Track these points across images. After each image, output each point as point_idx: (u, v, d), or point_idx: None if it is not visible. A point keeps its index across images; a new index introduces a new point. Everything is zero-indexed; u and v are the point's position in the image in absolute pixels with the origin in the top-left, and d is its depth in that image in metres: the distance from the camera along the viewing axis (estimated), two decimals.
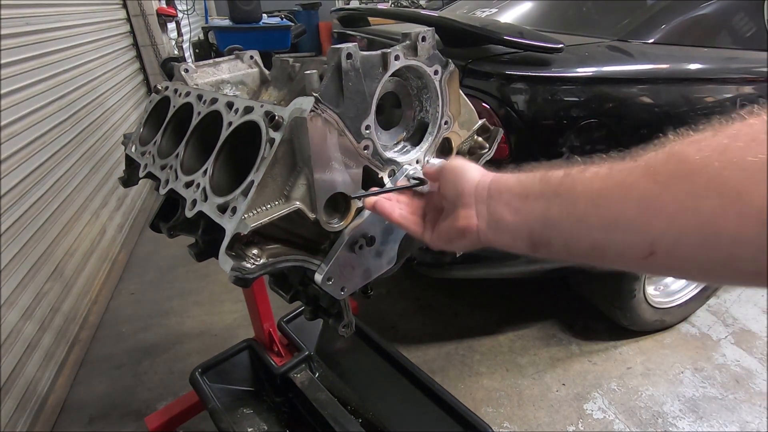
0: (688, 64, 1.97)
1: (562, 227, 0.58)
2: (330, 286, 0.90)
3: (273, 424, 1.79)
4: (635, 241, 0.51)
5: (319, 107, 0.81)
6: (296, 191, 0.85)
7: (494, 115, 1.78)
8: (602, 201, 0.54)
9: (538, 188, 0.62)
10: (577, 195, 0.57)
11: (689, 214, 0.46)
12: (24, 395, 2.03)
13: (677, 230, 0.48)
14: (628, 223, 0.52)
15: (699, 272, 0.50)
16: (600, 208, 0.54)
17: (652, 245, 0.50)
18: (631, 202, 0.51)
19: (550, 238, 0.60)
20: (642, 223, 0.50)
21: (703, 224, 0.46)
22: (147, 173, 1.24)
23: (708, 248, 0.46)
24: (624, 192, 0.52)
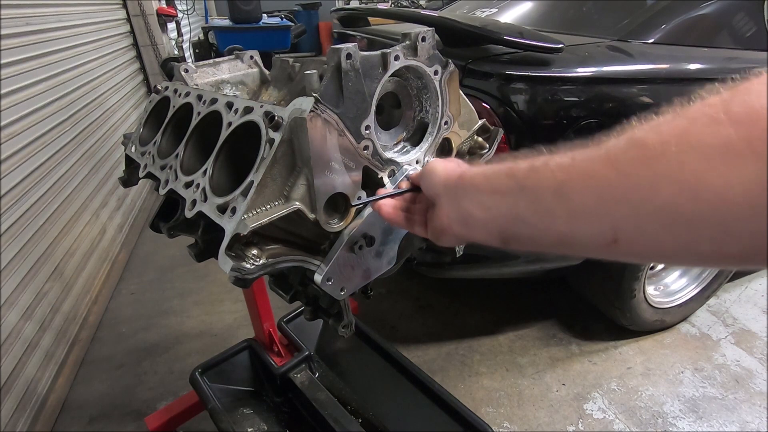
0: (688, 64, 1.97)
1: (529, 222, 0.59)
2: (330, 287, 0.90)
3: (273, 424, 1.79)
4: (599, 230, 0.52)
5: (319, 107, 0.81)
6: (296, 191, 0.85)
7: (494, 115, 1.78)
8: (566, 193, 0.54)
9: (505, 184, 0.62)
10: (543, 188, 0.57)
11: (649, 201, 0.47)
12: (24, 395, 2.03)
13: (638, 217, 0.48)
14: (591, 212, 0.52)
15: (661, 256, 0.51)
16: (564, 200, 0.54)
17: (614, 232, 0.51)
18: (592, 192, 0.52)
19: (519, 232, 0.61)
20: (604, 212, 0.51)
21: (662, 209, 0.46)
22: (147, 173, 1.24)
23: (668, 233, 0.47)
24: (586, 182, 0.52)
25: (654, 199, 0.46)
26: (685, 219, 0.45)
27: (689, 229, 0.45)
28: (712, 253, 0.46)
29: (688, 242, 0.46)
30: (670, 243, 0.48)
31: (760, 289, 2.81)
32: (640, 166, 0.48)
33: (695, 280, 2.52)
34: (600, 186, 0.51)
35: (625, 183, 0.49)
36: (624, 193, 0.49)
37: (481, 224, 0.66)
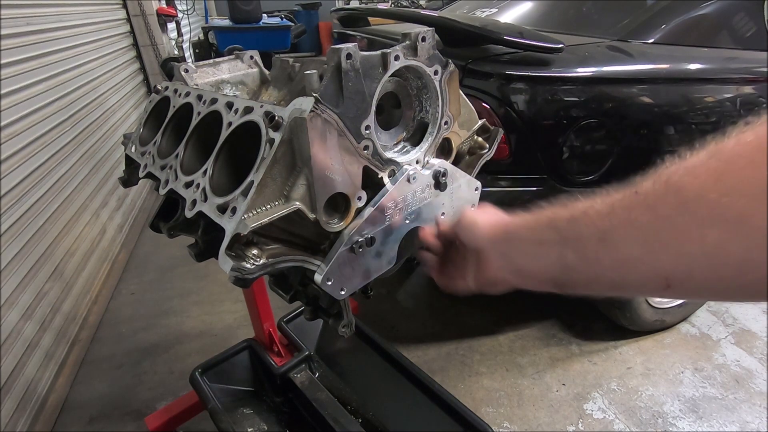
0: (688, 64, 1.97)
1: (579, 270, 0.60)
2: (329, 287, 0.90)
3: (273, 424, 1.79)
4: (649, 277, 0.53)
5: (319, 107, 0.81)
6: (296, 191, 0.84)
7: (494, 115, 1.78)
8: (609, 242, 0.55)
9: (549, 235, 0.63)
10: (586, 239, 0.58)
11: (695, 245, 0.47)
12: (24, 395, 2.03)
13: (686, 262, 0.49)
14: (638, 260, 0.53)
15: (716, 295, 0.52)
16: (609, 249, 0.56)
17: (666, 279, 0.51)
18: (636, 241, 0.52)
19: (571, 279, 0.62)
20: (651, 259, 0.52)
21: (710, 253, 0.46)
22: (147, 173, 1.24)
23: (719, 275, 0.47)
24: (628, 230, 0.53)
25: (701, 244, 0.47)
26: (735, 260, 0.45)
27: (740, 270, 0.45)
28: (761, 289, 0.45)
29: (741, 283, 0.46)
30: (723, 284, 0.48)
31: None
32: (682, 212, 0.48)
33: None
34: (643, 234, 0.52)
35: (668, 229, 0.49)
36: (669, 239, 0.49)
37: (533, 275, 0.68)
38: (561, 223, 0.62)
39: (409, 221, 0.98)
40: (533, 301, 2.77)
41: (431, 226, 0.95)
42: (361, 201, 0.91)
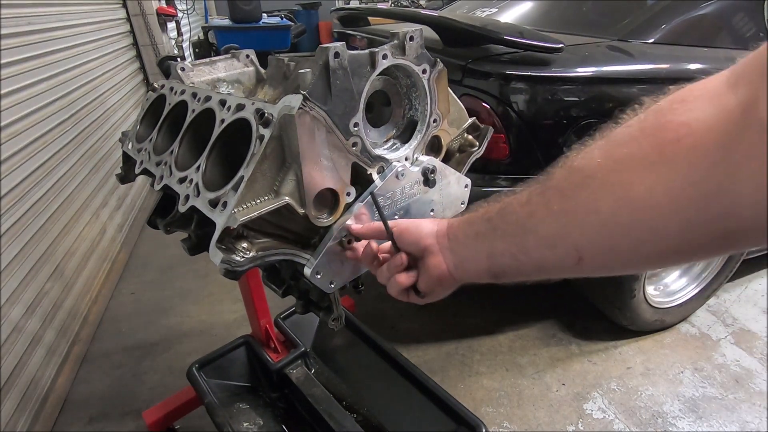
0: (688, 64, 1.97)
1: (508, 257, 0.67)
2: (319, 280, 0.91)
3: (269, 419, 1.80)
4: (564, 253, 0.59)
5: (307, 105, 0.82)
6: (285, 186, 0.85)
7: (494, 115, 1.78)
8: (530, 226, 0.63)
9: (483, 228, 0.71)
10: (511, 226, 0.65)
11: (593, 216, 0.55)
12: (25, 394, 2.04)
13: (589, 233, 0.56)
14: (554, 239, 0.60)
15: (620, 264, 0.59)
16: (531, 233, 0.63)
17: (577, 252, 0.58)
18: (551, 221, 0.60)
19: (503, 268, 0.69)
20: (564, 235, 0.59)
21: (606, 222, 0.54)
22: (143, 170, 1.25)
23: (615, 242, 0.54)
24: (544, 213, 0.60)
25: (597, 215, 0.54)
26: (625, 227, 0.52)
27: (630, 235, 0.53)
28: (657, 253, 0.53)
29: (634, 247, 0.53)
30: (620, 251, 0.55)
31: (760, 289, 2.81)
32: (581, 189, 0.56)
33: (695, 280, 2.51)
34: (555, 215, 0.59)
35: (572, 206, 0.57)
36: (574, 215, 0.57)
37: (472, 266, 0.74)
38: (492, 215, 0.69)
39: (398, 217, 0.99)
40: (533, 301, 2.77)
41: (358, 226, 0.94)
42: (350, 196, 0.92)
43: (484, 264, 0.71)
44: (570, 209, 0.57)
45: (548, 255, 0.61)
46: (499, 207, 0.68)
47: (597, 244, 0.56)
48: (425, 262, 0.80)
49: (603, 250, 0.56)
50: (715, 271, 2.49)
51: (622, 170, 0.51)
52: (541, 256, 0.62)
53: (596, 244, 0.56)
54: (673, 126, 0.48)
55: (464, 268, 0.76)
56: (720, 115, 0.46)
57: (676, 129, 0.48)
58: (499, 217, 0.67)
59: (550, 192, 0.60)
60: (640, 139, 0.51)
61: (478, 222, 0.72)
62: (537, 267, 0.65)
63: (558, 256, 0.60)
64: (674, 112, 0.49)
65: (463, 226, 0.75)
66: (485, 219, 0.70)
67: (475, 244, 0.72)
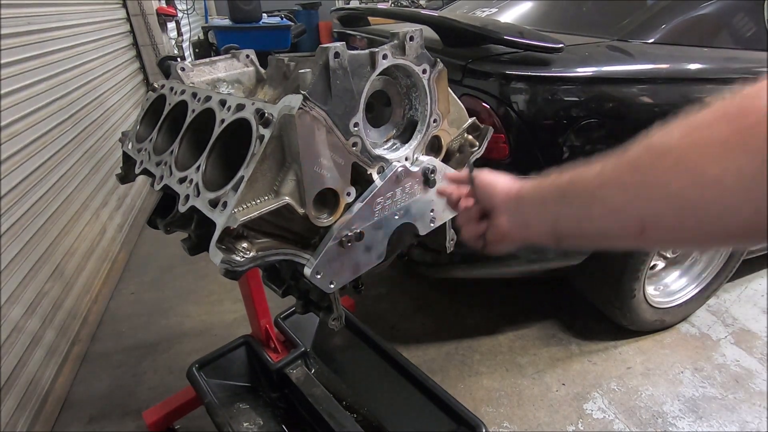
0: (688, 64, 1.97)
1: (573, 223, 0.71)
2: (319, 280, 0.91)
3: (269, 419, 1.80)
4: (628, 224, 0.61)
5: (307, 105, 0.82)
6: (285, 186, 0.85)
7: (494, 115, 1.78)
8: (599, 197, 0.65)
9: (551, 194, 0.75)
10: (581, 196, 0.68)
11: (662, 191, 0.56)
12: (25, 394, 2.04)
13: (656, 208, 0.57)
14: (620, 210, 0.62)
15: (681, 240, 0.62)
16: (598, 203, 0.65)
17: (641, 224, 0.59)
18: (619, 194, 0.62)
19: (567, 232, 0.73)
20: (630, 208, 0.60)
21: (673, 198, 0.55)
22: (143, 170, 1.25)
23: (681, 218, 0.55)
24: (613, 186, 0.62)
25: (666, 191, 0.55)
26: (693, 205, 0.53)
27: (697, 214, 0.53)
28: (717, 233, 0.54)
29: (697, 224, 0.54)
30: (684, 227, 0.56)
31: (759, 289, 2.80)
32: (654, 165, 0.57)
33: (695, 280, 2.51)
34: (625, 187, 0.61)
35: (642, 181, 0.58)
36: (643, 190, 0.58)
37: (537, 229, 0.79)
38: (562, 183, 0.72)
39: (399, 217, 0.99)
40: (533, 301, 2.77)
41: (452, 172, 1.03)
42: (350, 196, 0.92)
43: (548, 227, 0.75)
44: (640, 183, 0.58)
45: (612, 225, 0.64)
46: (570, 176, 0.70)
47: (662, 219, 0.57)
48: (493, 218, 0.87)
49: (667, 225, 0.58)
50: (715, 271, 2.48)
51: (698, 151, 0.52)
52: (606, 225, 0.65)
53: (661, 219, 0.58)
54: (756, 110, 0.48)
55: (528, 230, 0.81)
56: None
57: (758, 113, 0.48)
58: (569, 186, 0.70)
59: (624, 166, 0.61)
60: (721, 122, 0.51)
61: (546, 188, 0.76)
62: (600, 235, 0.68)
63: (622, 227, 0.63)
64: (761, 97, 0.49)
65: (532, 191, 0.80)
66: (555, 186, 0.74)
67: (541, 209, 0.77)
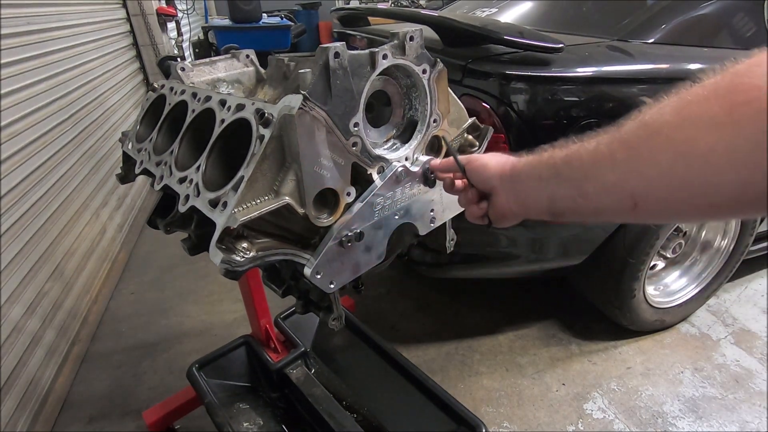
0: (688, 64, 1.97)
1: (568, 200, 0.72)
2: (319, 280, 0.91)
3: (269, 419, 1.80)
4: (621, 199, 0.63)
5: (307, 105, 0.82)
6: (285, 186, 0.85)
7: (494, 115, 1.78)
8: (593, 174, 0.66)
9: (547, 171, 0.75)
10: (575, 172, 0.69)
11: (654, 168, 0.57)
12: (25, 394, 2.04)
13: (647, 183, 0.59)
14: (613, 186, 0.64)
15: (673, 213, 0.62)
16: (592, 180, 0.67)
17: (633, 199, 0.61)
18: (613, 170, 0.63)
19: (563, 207, 0.74)
20: (622, 184, 0.62)
21: (664, 174, 0.56)
22: (143, 170, 1.25)
23: (671, 193, 0.57)
24: (608, 162, 0.64)
25: (656, 167, 0.57)
26: (681, 179, 0.55)
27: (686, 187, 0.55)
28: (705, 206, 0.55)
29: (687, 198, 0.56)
30: (674, 200, 0.57)
31: (759, 289, 2.80)
32: (645, 141, 0.58)
33: (695, 280, 2.51)
34: (617, 163, 0.62)
35: (635, 157, 0.60)
36: (635, 166, 0.60)
37: (534, 204, 0.80)
38: (557, 161, 0.73)
39: (399, 217, 0.99)
40: (533, 301, 2.77)
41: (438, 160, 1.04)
42: (350, 196, 0.93)
43: (544, 204, 0.77)
44: (632, 159, 0.60)
45: (606, 201, 0.66)
46: (564, 153, 0.72)
47: (653, 193, 0.59)
48: (492, 199, 0.89)
49: (658, 199, 0.59)
50: (715, 271, 2.49)
51: (688, 127, 0.53)
52: (599, 201, 0.67)
53: (652, 194, 0.59)
54: (745, 88, 0.49)
55: (526, 206, 0.82)
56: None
57: (748, 91, 0.48)
58: (564, 163, 0.72)
59: (617, 143, 0.63)
60: (711, 99, 0.51)
61: (541, 166, 0.77)
62: (594, 210, 0.69)
63: (615, 202, 0.64)
64: (750, 75, 0.49)
65: (527, 168, 0.81)
66: (549, 164, 0.75)
67: (537, 186, 0.78)
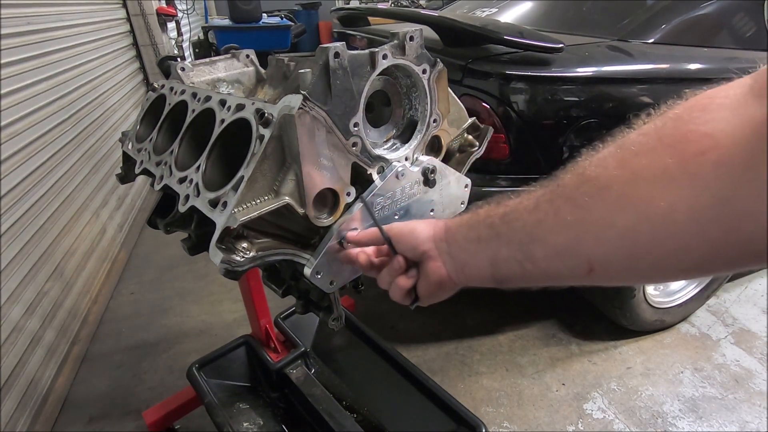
0: (688, 64, 1.97)
1: (513, 264, 0.64)
2: (319, 280, 0.92)
3: (269, 419, 1.80)
4: (575, 264, 0.57)
5: (307, 105, 0.82)
6: (285, 186, 0.86)
7: (494, 115, 1.78)
8: (538, 235, 0.60)
9: (485, 232, 0.68)
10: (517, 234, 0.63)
11: (611, 231, 0.52)
12: (25, 394, 2.04)
13: (605, 246, 0.54)
14: (565, 251, 0.58)
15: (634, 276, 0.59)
16: (538, 243, 0.60)
17: (589, 264, 0.57)
18: (561, 231, 0.57)
19: (508, 274, 0.67)
20: (575, 248, 0.57)
21: (623, 236, 0.51)
22: (143, 170, 1.25)
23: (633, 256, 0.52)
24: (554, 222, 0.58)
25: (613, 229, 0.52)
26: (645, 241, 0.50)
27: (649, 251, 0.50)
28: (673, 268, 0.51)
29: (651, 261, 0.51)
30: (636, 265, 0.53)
31: (759, 289, 2.80)
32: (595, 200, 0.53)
33: (695, 280, 2.51)
34: (566, 225, 0.57)
35: (587, 218, 0.54)
36: (587, 227, 0.55)
37: (475, 270, 0.72)
38: (495, 220, 0.66)
39: (398, 217, 0.99)
40: (533, 301, 2.77)
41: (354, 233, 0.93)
42: (350, 196, 0.92)
43: (486, 270, 0.69)
44: (583, 220, 0.55)
45: (557, 265, 0.60)
46: (503, 212, 0.66)
47: (613, 258, 0.54)
48: (424, 266, 0.79)
49: (619, 264, 0.54)
50: None
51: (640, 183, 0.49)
52: (550, 265, 0.61)
53: (612, 258, 0.54)
54: (695, 137, 0.46)
55: (465, 273, 0.74)
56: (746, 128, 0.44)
57: (699, 140, 0.46)
58: (504, 223, 0.65)
59: (561, 200, 0.58)
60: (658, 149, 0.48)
61: (479, 226, 0.70)
62: (544, 275, 0.63)
63: (568, 267, 0.59)
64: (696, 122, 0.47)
65: (463, 230, 0.74)
66: (487, 224, 0.68)
67: (476, 250, 0.70)
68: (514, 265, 0.64)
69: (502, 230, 0.65)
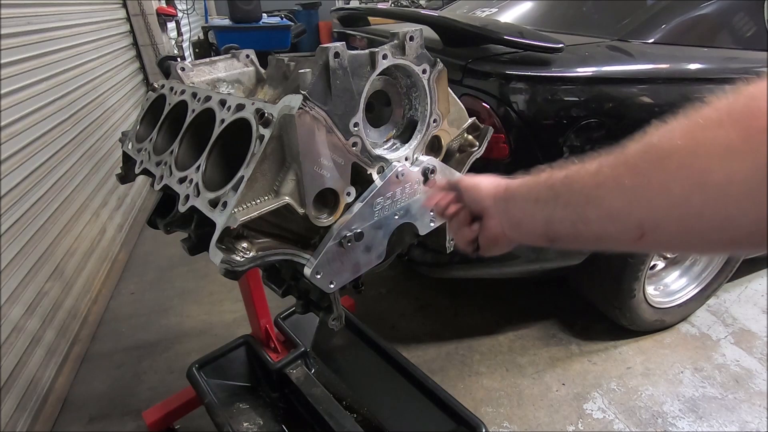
0: (688, 64, 1.97)
1: (567, 225, 0.66)
2: (319, 280, 0.92)
3: (269, 419, 1.80)
4: (627, 228, 0.58)
5: (307, 105, 0.82)
6: (285, 186, 0.86)
7: (494, 115, 1.78)
8: (595, 197, 0.61)
9: (544, 193, 0.70)
10: (576, 195, 0.64)
11: (664, 198, 0.53)
12: (25, 394, 2.04)
13: (656, 213, 0.54)
14: (618, 214, 0.58)
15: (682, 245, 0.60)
16: (595, 205, 0.61)
17: (641, 229, 0.56)
18: (618, 196, 0.58)
19: (561, 234, 0.68)
20: (629, 212, 0.57)
21: (676, 205, 0.52)
22: (143, 170, 1.25)
23: (683, 225, 0.53)
24: (612, 187, 0.59)
25: (668, 196, 0.52)
26: (696, 211, 0.50)
27: (700, 220, 0.51)
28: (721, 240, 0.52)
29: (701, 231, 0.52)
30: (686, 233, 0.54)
31: (760, 289, 2.80)
32: (655, 168, 0.54)
33: (695, 280, 2.51)
34: (624, 190, 0.57)
35: (643, 185, 0.55)
36: (643, 193, 0.55)
37: (529, 228, 0.74)
38: (556, 182, 0.68)
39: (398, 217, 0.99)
40: (533, 301, 2.77)
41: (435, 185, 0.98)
42: (350, 196, 0.93)
43: (540, 228, 0.71)
44: (640, 186, 0.55)
45: (609, 228, 0.61)
46: (564, 174, 0.67)
47: (664, 225, 0.55)
48: (484, 222, 0.84)
49: (668, 231, 0.55)
50: (715, 271, 2.48)
51: (702, 154, 0.49)
52: (602, 227, 0.62)
53: (663, 225, 0.55)
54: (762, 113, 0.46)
55: (520, 230, 0.77)
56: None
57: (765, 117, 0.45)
58: (564, 185, 0.67)
59: (623, 167, 0.58)
60: (726, 123, 0.48)
61: (539, 187, 0.72)
62: (595, 237, 0.64)
63: (619, 230, 0.60)
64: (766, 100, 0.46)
65: (523, 189, 0.76)
66: (548, 186, 0.70)
67: (533, 209, 0.72)
68: (568, 225, 0.66)
69: (562, 191, 0.67)
